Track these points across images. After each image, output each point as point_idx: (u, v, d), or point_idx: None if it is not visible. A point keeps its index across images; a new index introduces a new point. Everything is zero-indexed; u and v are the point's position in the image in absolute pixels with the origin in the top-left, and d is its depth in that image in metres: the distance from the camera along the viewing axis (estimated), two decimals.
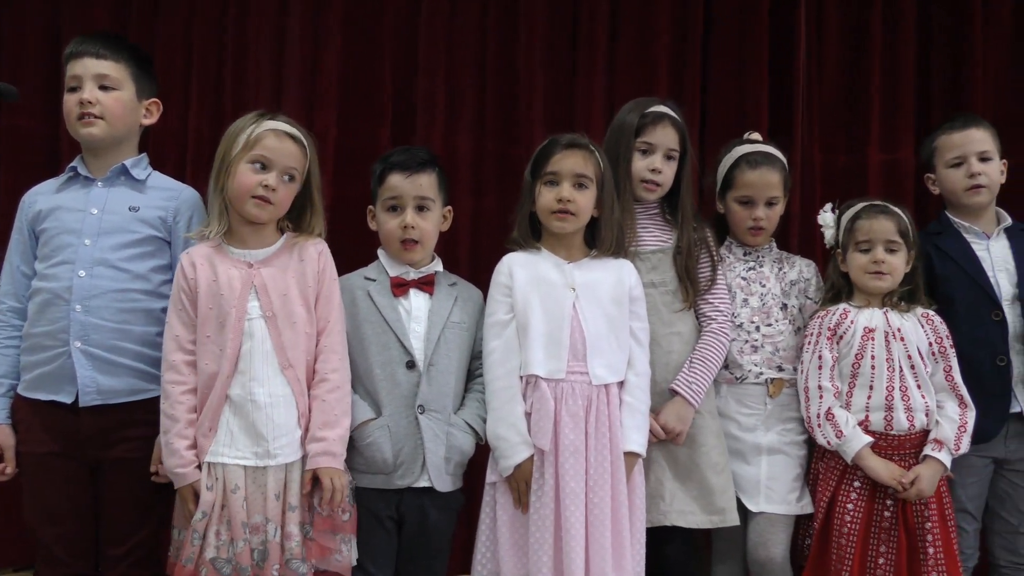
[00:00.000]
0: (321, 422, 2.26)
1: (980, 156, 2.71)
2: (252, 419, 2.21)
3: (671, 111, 2.62)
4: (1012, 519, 2.66)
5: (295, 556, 2.20)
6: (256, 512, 2.20)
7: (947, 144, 2.74)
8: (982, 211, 2.74)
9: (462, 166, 3.41)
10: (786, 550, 2.52)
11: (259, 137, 2.28)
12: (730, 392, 2.61)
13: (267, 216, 2.31)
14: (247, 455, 2.21)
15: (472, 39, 3.43)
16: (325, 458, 2.24)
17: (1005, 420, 2.60)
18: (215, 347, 2.23)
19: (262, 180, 2.27)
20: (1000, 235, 2.74)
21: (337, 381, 2.30)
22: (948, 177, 2.74)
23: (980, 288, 2.64)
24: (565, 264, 2.45)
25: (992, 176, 2.71)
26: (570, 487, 2.28)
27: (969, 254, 2.69)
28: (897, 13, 3.44)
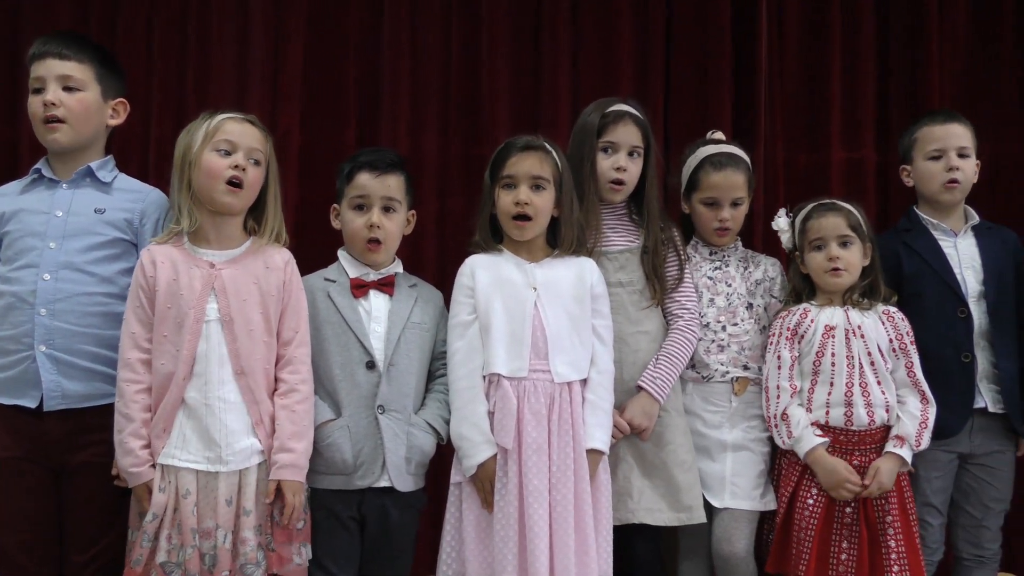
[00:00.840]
0: (291, 432, 2.25)
1: (959, 151, 2.73)
2: (206, 424, 2.20)
3: (632, 109, 2.63)
4: (976, 513, 2.69)
5: (250, 561, 2.19)
6: (207, 517, 2.18)
7: (928, 136, 2.77)
8: (952, 208, 2.77)
9: (427, 167, 3.41)
10: (750, 545, 2.54)
11: (219, 126, 2.28)
12: (696, 390, 2.63)
13: (239, 204, 2.29)
14: (199, 459, 2.19)
15: (436, 40, 3.44)
16: (291, 470, 2.23)
17: (969, 416, 2.63)
18: (172, 347, 2.21)
19: (231, 162, 2.26)
20: (968, 233, 2.77)
21: (306, 392, 2.30)
22: (926, 169, 2.76)
23: (947, 285, 2.68)
24: (527, 264, 2.46)
25: (967, 173, 2.74)
26: (533, 485, 2.29)
27: (937, 251, 2.72)
28: (856, 14, 3.48)
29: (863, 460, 2.49)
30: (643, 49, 3.47)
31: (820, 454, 2.48)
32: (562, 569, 2.27)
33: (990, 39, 3.48)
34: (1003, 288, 2.70)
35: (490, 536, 2.33)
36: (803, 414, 2.51)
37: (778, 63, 3.49)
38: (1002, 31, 3.47)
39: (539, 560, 2.25)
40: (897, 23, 3.50)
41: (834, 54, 3.47)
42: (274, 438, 2.25)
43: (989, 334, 2.67)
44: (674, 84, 3.49)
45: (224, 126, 2.29)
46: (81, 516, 2.31)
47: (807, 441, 2.48)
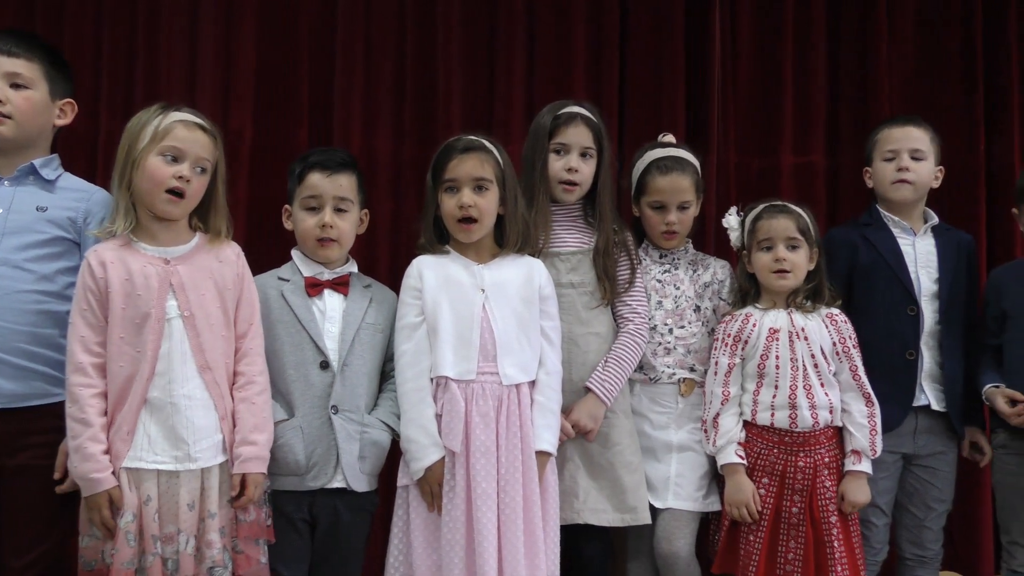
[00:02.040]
0: (252, 425, 2.24)
1: (912, 153, 2.78)
2: (172, 422, 2.17)
3: (585, 111, 2.64)
4: (919, 513, 2.74)
5: (217, 564, 2.18)
6: (168, 522, 2.16)
7: (886, 138, 2.82)
8: (910, 207, 2.81)
9: (381, 168, 3.40)
10: (691, 545, 2.56)
11: (168, 128, 2.23)
12: (643, 391, 2.65)
13: (179, 212, 2.26)
14: (167, 459, 2.16)
15: (390, 41, 3.43)
16: (256, 463, 2.22)
17: (908, 411, 2.68)
18: (131, 349, 2.17)
19: (176, 172, 2.22)
20: (926, 233, 2.82)
21: (264, 384, 2.29)
22: (881, 169, 2.82)
23: (900, 282, 2.73)
24: (474, 265, 2.46)
25: (920, 175, 2.78)
26: (481, 488, 2.29)
27: (894, 248, 2.77)
28: (807, 22, 3.53)
29: (808, 461, 2.53)
30: (598, 52, 3.48)
31: (736, 470, 2.53)
32: (511, 571, 2.28)
33: (937, 48, 3.55)
34: (955, 290, 2.75)
35: (438, 539, 2.32)
36: (733, 425, 2.55)
37: (731, 69, 3.53)
38: (949, 39, 3.53)
39: (487, 563, 2.25)
40: (847, 31, 3.55)
41: (786, 61, 3.51)
42: (236, 432, 2.23)
43: (938, 334, 2.72)
44: (629, 87, 3.51)
45: (174, 130, 2.23)
46: (20, 520, 2.25)
47: (726, 456, 2.53)
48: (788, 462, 2.52)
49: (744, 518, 2.51)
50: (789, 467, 2.52)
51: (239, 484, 2.21)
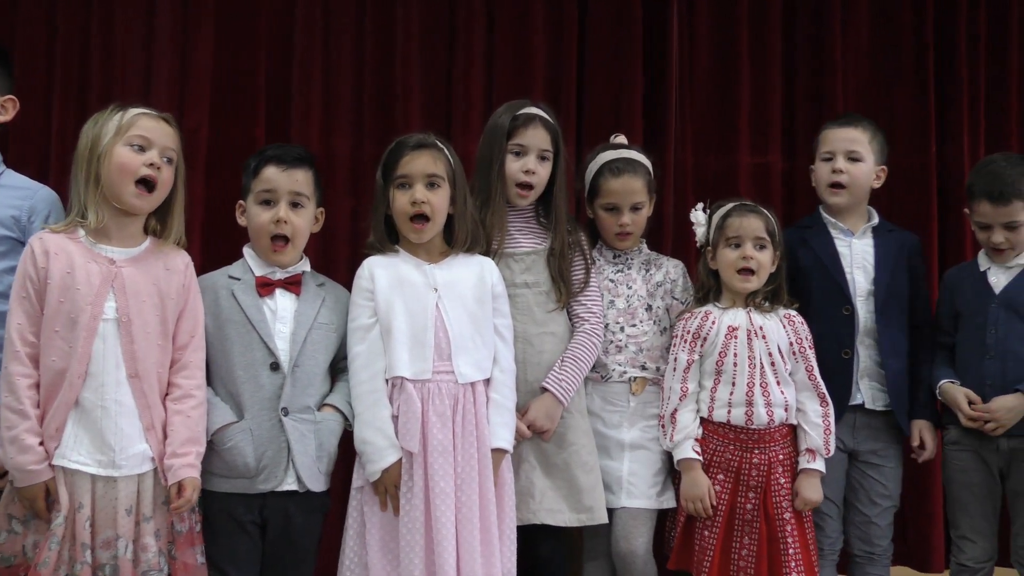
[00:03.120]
0: (184, 438, 2.21)
1: (848, 155, 2.80)
2: (101, 426, 2.14)
3: (543, 113, 2.65)
4: (866, 510, 2.77)
5: (152, 568, 2.15)
6: (106, 528, 2.13)
7: (825, 138, 2.85)
8: (849, 209, 2.84)
9: (340, 167, 3.38)
10: (648, 543, 2.58)
11: (133, 120, 2.22)
12: (595, 390, 2.67)
13: (148, 206, 2.24)
14: (90, 462, 2.14)
15: (348, 39, 3.41)
16: (188, 469, 2.19)
17: (844, 409, 2.71)
18: (64, 344, 2.14)
19: (146, 159, 2.19)
20: (866, 233, 2.85)
21: (201, 398, 2.26)
22: (819, 170, 2.85)
23: (834, 283, 2.76)
24: (426, 265, 2.45)
25: (856, 177, 2.80)
26: (440, 487, 2.29)
27: (830, 250, 2.80)
28: (764, 24, 3.56)
29: (762, 458, 2.55)
30: (556, 52, 3.49)
31: (692, 466, 2.55)
32: (468, 571, 2.28)
33: (890, 50, 3.59)
34: (894, 289, 2.78)
35: (394, 541, 2.31)
36: (691, 421, 2.57)
37: (688, 70, 3.55)
38: (901, 43, 3.58)
39: (447, 563, 2.25)
40: (802, 34, 3.59)
41: (742, 62, 3.54)
42: (166, 444, 2.19)
43: (875, 332, 2.75)
44: (587, 88, 3.52)
45: (139, 121, 2.22)
46: None
47: (683, 451, 2.55)
48: (743, 459, 2.55)
49: (699, 513, 2.54)
50: (744, 464, 2.55)
51: (176, 495, 2.18)
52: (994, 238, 2.68)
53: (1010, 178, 2.65)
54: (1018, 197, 2.63)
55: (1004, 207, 2.64)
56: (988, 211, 2.66)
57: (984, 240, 2.72)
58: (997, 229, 2.67)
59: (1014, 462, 2.63)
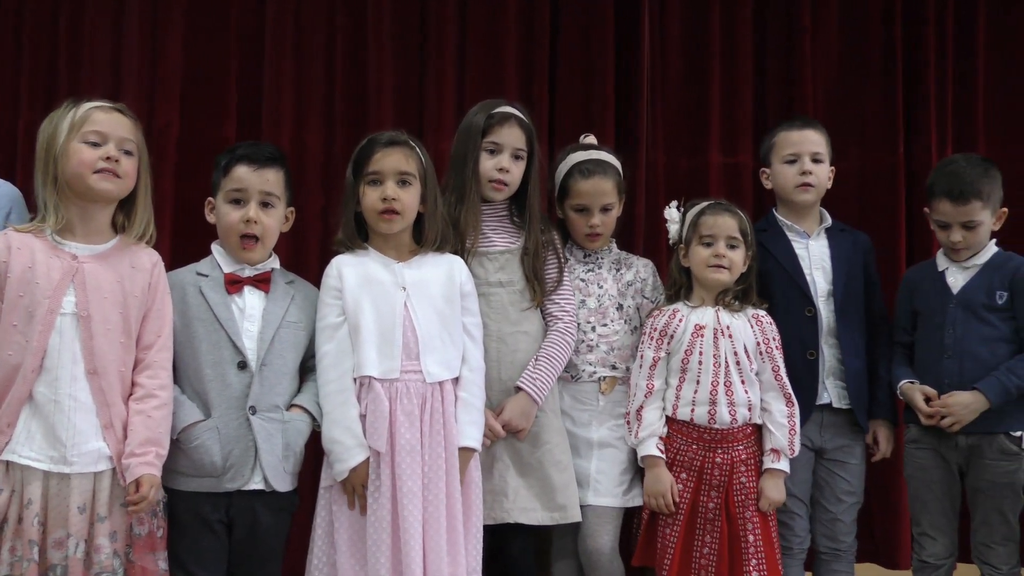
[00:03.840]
0: (144, 438, 2.18)
1: (813, 157, 2.84)
2: (52, 422, 2.13)
3: (518, 112, 2.66)
4: (830, 507, 2.79)
5: (105, 569, 2.14)
6: (58, 527, 2.11)
7: (785, 141, 2.87)
8: (807, 210, 2.87)
9: (311, 164, 3.38)
10: (613, 541, 2.59)
11: (86, 116, 2.20)
12: (565, 389, 2.68)
13: (116, 190, 2.22)
14: (42, 458, 2.12)
15: (320, 37, 3.41)
16: (145, 467, 2.17)
17: (811, 409, 2.74)
18: (21, 338, 2.12)
19: (102, 153, 2.18)
20: (820, 235, 2.88)
21: (165, 399, 2.24)
22: (782, 172, 2.86)
23: (796, 285, 2.79)
24: (395, 263, 2.46)
25: (820, 178, 2.85)
26: (407, 487, 2.29)
27: (789, 252, 2.83)
28: (734, 24, 3.58)
29: (725, 457, 2.58)
30: (529, 51, 3.50)
31: (655, 462, 2.57)
32: (434, 570, 2.29)
33: (859, 51, 3.62)
34: (851, 289, 2.81)
35: (363, 541, 2.31)
36: (656, 418, 2.59)
37: (660, 70, 3.57)
38: (870, 43, 3.61)
39: (414, 562, 2.26)
40: (773, 35, 3.61)
41: (714, 62, 3.56)
42: (126, 443, 2.18)
43: (836, 332, 2.78)
44: (559, 87, 3.54)
45: (92, 116, 2.21)
46: None
47: (647, 448, 2.58)
48: (706, 458, 2.57)
49: (661, 509, 2.55)
50: (707, 463, 2.57)
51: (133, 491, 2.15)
52: (952, 237, 2.71)
53: (970, 178, 2.68)
54: (977, 197, 2.67)
55: (963, 206, 2.67)
56: (948, 210, 2.70)
57: (943, 239, 2.76)
58: (956, 228, 2.70)
59: (973, 459, 2.67)
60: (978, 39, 3.61)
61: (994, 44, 3.62)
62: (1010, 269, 2.69)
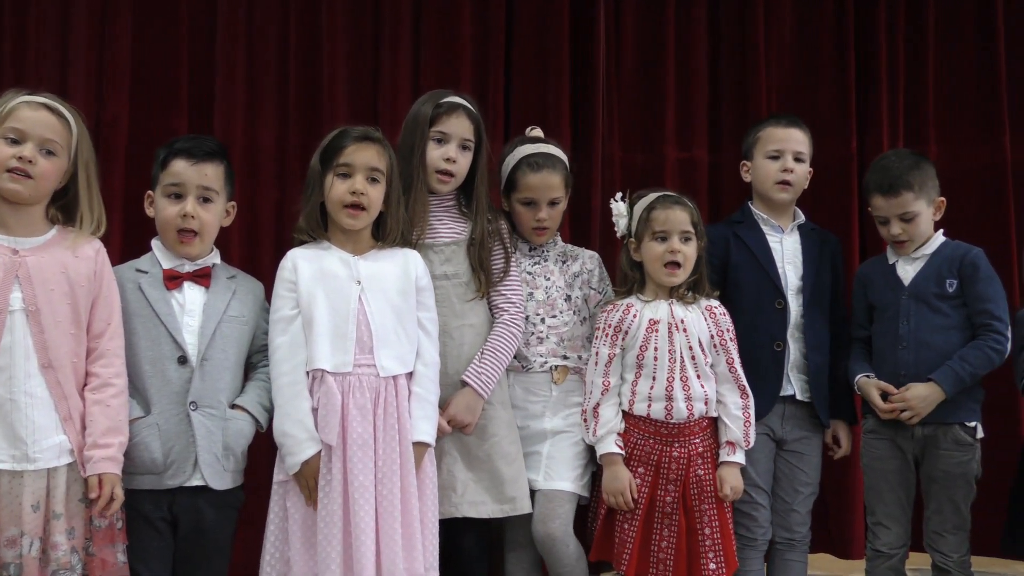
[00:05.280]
0: (105, 428, 2.16)
1: (795, 155, 2.86)
2: (11, 420, 2.09)
3: (466, 102, 2.65)
4: (787, 497, 2.81)
5: (63, 567, 2.11)
6: (10, 525, 2.08)
7: (771, 136, 2.89)
8: (783, 207, 2.90)
9: (264, 158, 3.34)
10: (566, 525, 2.58)
11: (12, 110, 2.16)
12: (517, 381, 2.67)
13: (27, 192, 2.17)
14: (3, 458, 2.08)
15: (273, 30, 3.37)
16: (108, 463, 2.15)
17: (775, 400, 2.76)
18: None
19: (15, 152, 2.14)
20: (793, 231, 2.90)
21: (121, 387, 2.22)
22: (764, 167, 2.88)
23: (768, 277, 2.81)
24: (351, 257, 2.43)
25: (799, 177, 2.88)
26: (359, 481, 2.27)
27: (764, 245, 2.85)
28: (689, 19, 3.59)
29: (682, 451, 2.58)
30: (484, 45, 3.49)
31: (614, 460, 2.57)
32: (389, 564, 2.27)
33: (813, 47, 3.65)
34: (819, 286, 2.84)
35: (316, 535, 2.29)
36: (613, 415, 2.59)
37: (615, 65, 3.57)
38: (823, 39, 3.64)
39: (365, 556, 2.24)
40: (727, 32, 3.63)
41: (669, 59, 3.58)
42: (86, 435, 2.15)
43: (803, 327, 2.80)
44: (514, 81, 3.53)
45: (16, 112, 2.16)
46: None
47: (606, 446, 2.57)
48: (663, 452, 2.57)
49: (620, 506, 2.55)
50: (664, 457, 2.57)
51: (96, 486, 2.13)
52: (892, 230, 2.76)
53: (898, 171, 2.75)
54: (907, 188, 2.72)
55: (895, 198, 2.72)
56: (882, 204, 2.76)
57: (885, 234, 2.81)
58: (894, 221, 2.75)
59: (928, 449, 2.70)
60: (928, 35, 3.66)
61: (944, 37, 3.67)
62: (958, 257, 2.74)
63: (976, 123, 3.65)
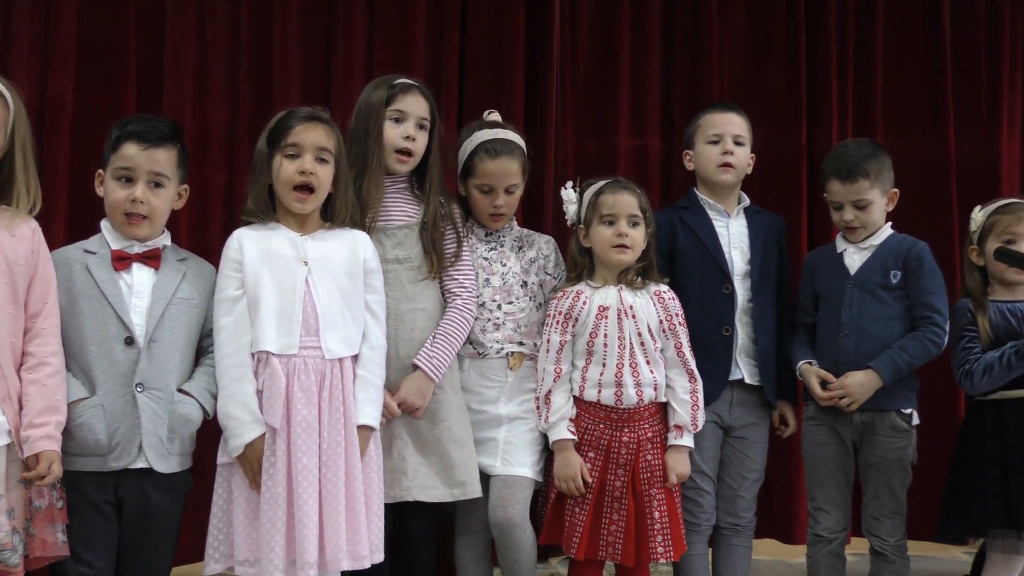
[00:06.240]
0: (42, 407, 2.14)
1: (735, 139, 2.88)
2: None
3: (419, 83, 2.65)
4: (733, 483, 2.85)
5: (4, 547, 2.08)
6: None
7: (710, 122, 2.91)
8: (727, 191, 2.92)
9: (214, 140, 3.30)
10: (524, 511, 2.59)
11: None
12: (472, 366, 2.67)
13: None
14: None
15: (224, 6, 3.32)
16: (46, 441, 2.13)
17: (724, 385, 2.79)
18: None
19: None
20: (740, 215, 2.93)
21: (57, 366, 2.19)
22: (704, 152, 2.90)
23: (715, 262, 2.83)
24: (298, 237, 2.42)
25: (741, 160, 2.89)
26: (303, 463, 2.26)
27: (710, 230, 2.87)
28: (644, 9, 3.61)
29: (632, 436, 2.59)
30: (439, 32, 3.48)
31: (566, 446, 2.58)
32: (332, 547, 2.27)
33: (765, 37, 3.69)
34: (766, 269, 2.87)
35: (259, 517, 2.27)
36: (564, 402, 2.61)
37: (570, 52, 3.58)
38: (775, 29, 3.69)
39: (307, 539, 2.23)
40: (681, 20, 3.66)
41: (623, 46, 3.59)
42: (22, 415, 2.13)
43: (750, 311, 2.84)
44: (469, 68, 3.52)
45: None
46: None
47: (558, 432, 2.59)
48: (613, 437, 2.59)
49: (572, 492, 2.57)
50: (614, 442, 2.58)
51: (34, 465, 2.11)
52: (846, 216, 2.81)
53: (857, 158, 2.79)
54: (864, 176, 2.77)
55: (852, 184, 2.77)
56: (838, 190, 2.80)
57: (837, 220, 2.86)
58: (848, 207, 2.80)
59: (866, 435, 2.75)
60: (877, 27, 3.72)
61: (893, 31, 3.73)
62: (903, 249, 2.79)
63: (921, 117, 3.73)
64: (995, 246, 2.74)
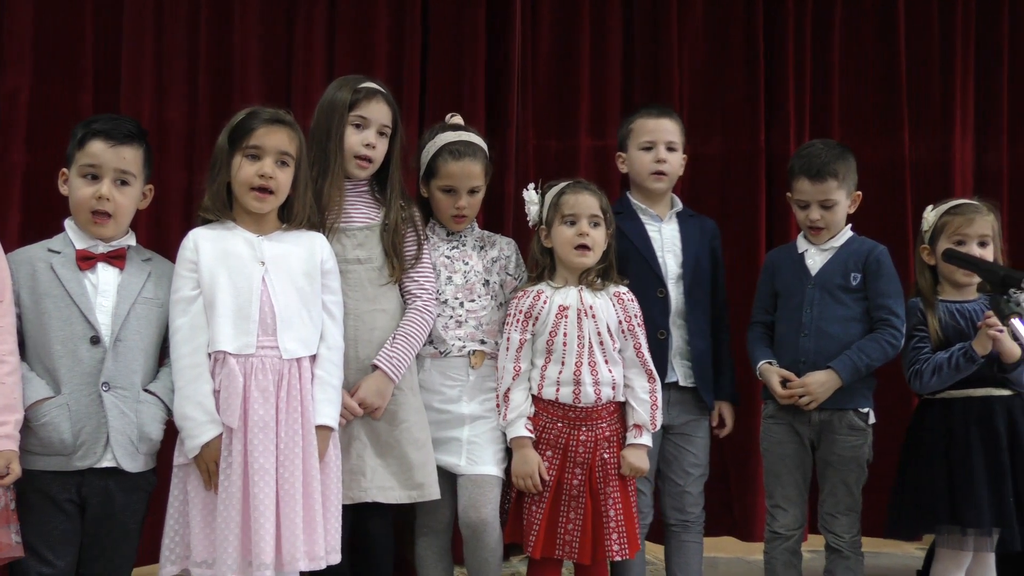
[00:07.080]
0: (1, 406, 2.11)
1: (668, 145, 2.90)
2: None
3: (383, 88, 2.64)
4: (678, 480, 2.87)
5: None
6: None
7: (642, 128, 2.92)
8: (660, 196, 2.94)
9: (173, 139, 3.29)
10: (495, 510, 2.60)
11: None
12: (434, 365, 2.67)
13: None
14: None
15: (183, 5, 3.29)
16: (6, 441, 2.11)
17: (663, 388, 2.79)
18: None
19: None
20: (672, 219, 2.94)
21: (14, 364, 2.18)
22: (638, 159, 2.91)
23: (649, 266, 2.85)
24: (255, 238, 2.41)
25: (673, 166, 2.91)
26: (259, 464, 2.26)
27: (643, 235, 2.89)
28: (604, 12, 3.64)
29: (589, 435, 2.61)
30: (399, 31, 3.49)
31: (524, 443, 2.60)
32: (289, 547, 2.26)
33: (723, 40, 3.74)
34: (699, 272, 2.90)
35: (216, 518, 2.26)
36: (523, 399, 2.62)
37: (531, 53, 3.61)
38: (734, 32, 3.73)
39: (264, 539, 2.22)
40: (641, 22, 3.69)
41: (583, 48, 3.62)
42: None
43: (684, 314, 2.86)
44: (430, 67, 3.53)
45: None
46: None
47: (516, 430, 2.60)
48: (571, 436, 2.60)
49: (529, 489, 2.58)
50: (572, 440, 2.60)
51: None
52: (811, 215, 2.84)
53: (827, 158, 2.82)
54: (833, 176, 2.80)
55: (820, 184, 2.80)
56: (807, 188, 2.83)
57: (802, 219, 2.88)
58: (814, 207, 2.83)
59: (824, 434, 2.79)
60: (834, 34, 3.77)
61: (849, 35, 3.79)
62: (864, 252, 2.83)
63: (877, 119, 3.79)
64: (945, 247, 2.78)
